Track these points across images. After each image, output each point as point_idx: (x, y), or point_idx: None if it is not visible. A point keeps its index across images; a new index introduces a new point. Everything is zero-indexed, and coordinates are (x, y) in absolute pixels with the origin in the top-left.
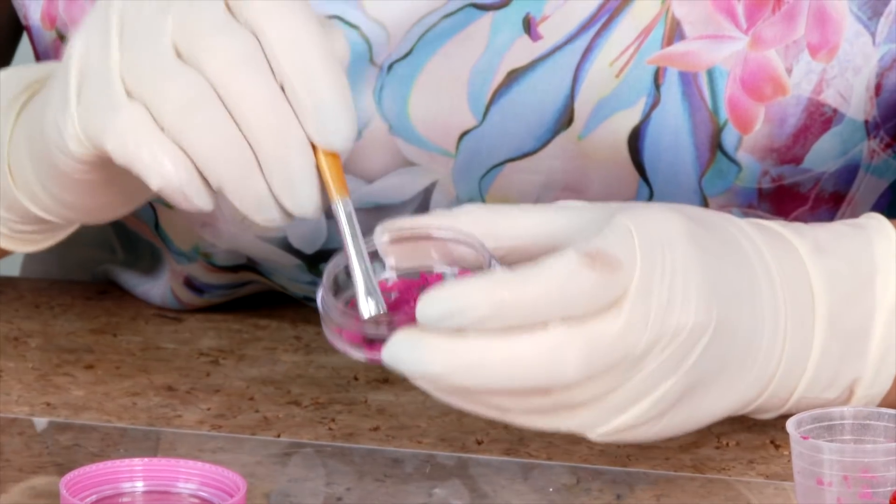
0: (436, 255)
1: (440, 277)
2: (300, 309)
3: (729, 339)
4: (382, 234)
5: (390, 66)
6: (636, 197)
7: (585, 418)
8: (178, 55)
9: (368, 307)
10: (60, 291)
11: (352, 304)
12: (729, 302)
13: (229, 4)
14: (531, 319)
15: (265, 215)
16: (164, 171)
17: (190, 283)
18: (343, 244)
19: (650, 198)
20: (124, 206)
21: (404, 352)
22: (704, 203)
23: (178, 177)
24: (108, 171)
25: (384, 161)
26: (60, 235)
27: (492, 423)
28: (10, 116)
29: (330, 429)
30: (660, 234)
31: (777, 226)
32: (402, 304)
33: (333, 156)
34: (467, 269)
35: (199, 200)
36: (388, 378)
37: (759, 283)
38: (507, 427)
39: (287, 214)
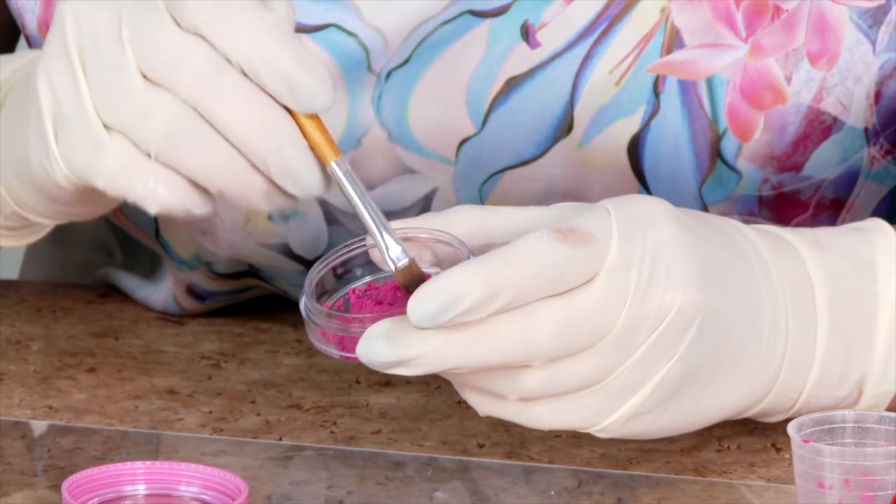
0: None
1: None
2: (300, 315)
3: (726, 323)
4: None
5: (388, 74)
6: None
7: (587, 409)
8: (146, 79)
9: (395, 255)
10: (62, 295)
11: (337, 305)
12: (723, 287)
13: (174, 18)
14: (518, 300)
15: (274, 205)
16: (160, 198)
17: (192, 291)
18: (351, 202)
19: None
20: (115, 202)
21: (379, 342)
22: (704, 211)
23: (175, 198)
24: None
25: (384, 168)
26: (45, 231)
27: (493, 427)
28: None
29: (332, 432)
30: (641, 215)
31: (775, 228)
32: (385, 305)
33: (314, 118)
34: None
35: (201, 209)
36: (389, 381)
37: (756, 275)
38: (508, 430)
39: (294, 197)
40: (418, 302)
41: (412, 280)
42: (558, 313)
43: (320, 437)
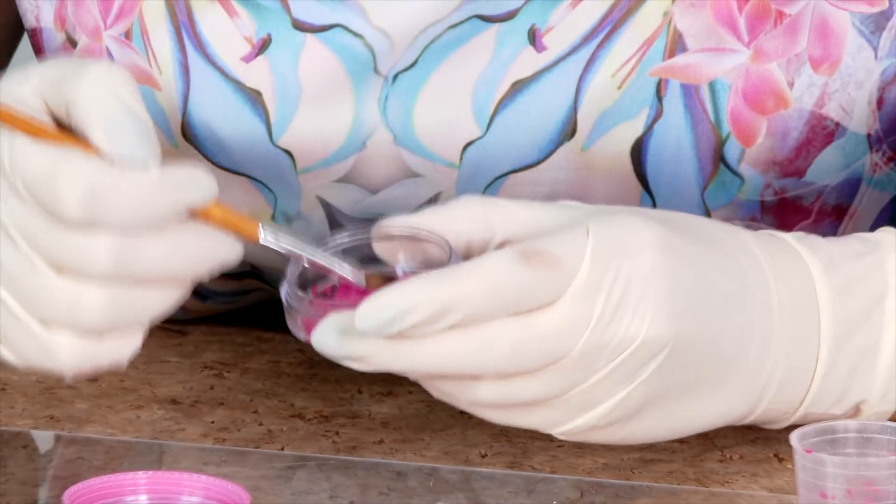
0: (401, 256)
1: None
2: None
3: (702, 350)
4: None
5: (395, 77)
6: None
7: (545, 416)
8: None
9: (348, 270)
10: None
11: (326, 291)
12: (705, 313)
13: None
14: (472, 318)
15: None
16: (128, 355)
17: (195, 290)
18: (299, 259)
19: None
20: None
21: (330, 335)
22: (707, 216)
23: (138, 341)
24: None
25: (388, 172)
26: None
27: (495, 437)
28: None
29: (334, 442)
30: (623, 241)
31: (792, 239)
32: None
33: (216, 206)
34: (432, 268)
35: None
36: (391, 391)
37: (751, 296)
38: (510, 440)
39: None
40: (366, 312)
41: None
42: (514, 334)
43: (322, 446)
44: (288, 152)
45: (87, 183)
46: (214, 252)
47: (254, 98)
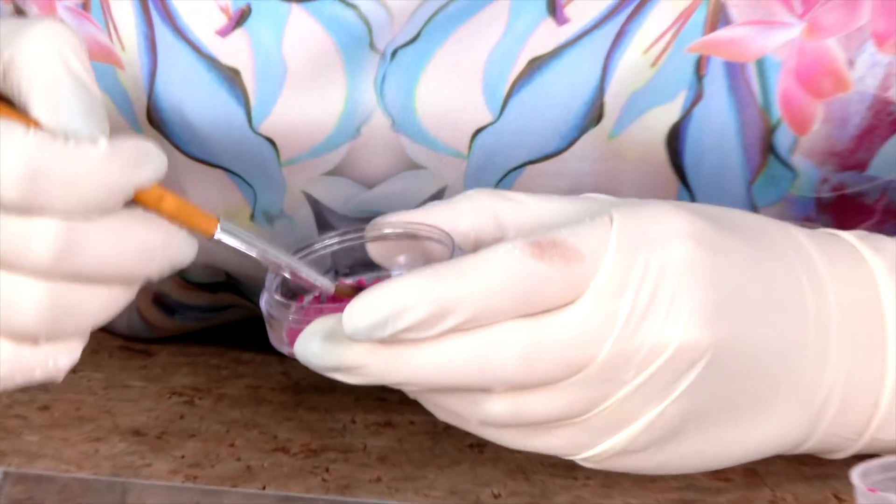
0: (402, 258)
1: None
2: None
3: (749, 361)
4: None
5: (394, 53)
6: None
7: (567, 439)
8: None
9: (324, 282)
10: None
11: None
12: (750, 319)
13: None
14: (478, 319)
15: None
16: (64, 367)
17: (160, 301)
18: (262, 258)
19: None
20: None
21: (315, 342)
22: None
23: (76, 355)
24: None
25: (386, 163)
26: None
27: (510, 474)
28: None
29: (323, 480)
30: (653, 230)
31: (853, 238)
32: None
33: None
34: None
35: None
36: (389, 421)
37: (804, 304)
38: (528, 478)
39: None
40: (354, 311)
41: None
42: (526, 337)
43: (310, 485)
44: (270, 140)
45: (26, 160)
46: (166, 247)
47: (231, 78)
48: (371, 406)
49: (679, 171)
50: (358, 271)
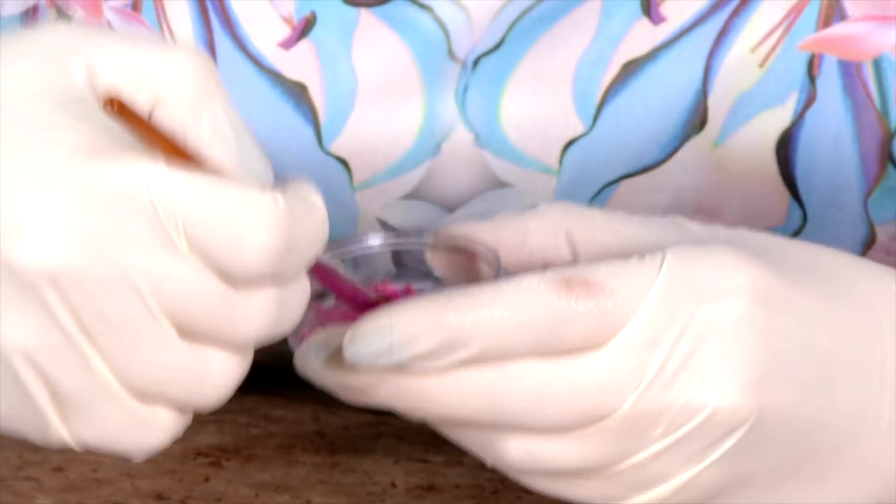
0: (442, 271)
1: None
2: (323, 396)
3: (802, 432)
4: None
5: (476, 62)
6: (785, 222)
7: (594, 490)
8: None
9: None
10: None
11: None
12: (809, 384)
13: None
14: (491, 353)
15: None
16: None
17: None
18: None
19: (803, 223)
20: None
21: (315, 358)
22: (870, 232)
23: None
24: None
25: (469, 182)
26: None
27: None
28: None
29: None
30: (705, 280)
31: None
32: None
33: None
34: None
35: None
36: (433, 484)
37: (882, 362)
38: None
39: None
40: (357, 336)
41: None
42: (540, 377)
43: None
44: (342, 161)
45: (276, 229)
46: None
47: (297, 93)
48: (413, 468)
49: (790, 183)
50: (407, 276)
